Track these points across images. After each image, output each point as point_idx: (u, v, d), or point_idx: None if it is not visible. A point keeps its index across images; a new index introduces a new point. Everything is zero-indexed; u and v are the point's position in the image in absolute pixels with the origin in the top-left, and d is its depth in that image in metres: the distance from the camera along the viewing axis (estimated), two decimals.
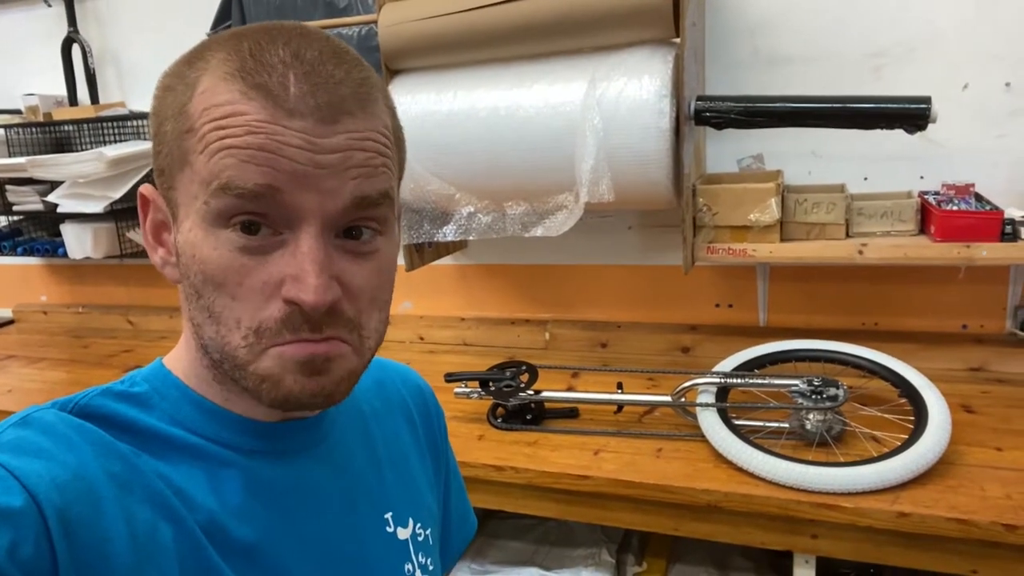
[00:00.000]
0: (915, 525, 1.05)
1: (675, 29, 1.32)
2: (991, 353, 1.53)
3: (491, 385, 1.44)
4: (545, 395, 1.42)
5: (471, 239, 1.59)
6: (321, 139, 0.47)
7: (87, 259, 2.17)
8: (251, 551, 0.52)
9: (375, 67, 0.54)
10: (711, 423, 1.26)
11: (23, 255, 2.31)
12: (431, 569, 0.67)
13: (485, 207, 1.50)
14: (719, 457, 1.22)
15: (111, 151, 1.91)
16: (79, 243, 2.14)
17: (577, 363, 1.71)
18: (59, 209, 2.03)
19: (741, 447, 1.18)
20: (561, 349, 1.87)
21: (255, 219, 0.47)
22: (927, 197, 1.43)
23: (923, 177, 1.54)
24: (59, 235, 2.18)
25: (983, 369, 1.53)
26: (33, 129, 2.16)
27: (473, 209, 1.51)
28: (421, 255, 1.69)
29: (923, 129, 1.26)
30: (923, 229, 1.43)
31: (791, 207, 1.43)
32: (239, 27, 0.51)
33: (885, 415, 1.27)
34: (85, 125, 2.13)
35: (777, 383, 1.32)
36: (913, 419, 1.22)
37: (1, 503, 0.41)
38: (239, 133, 0.46)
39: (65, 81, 2.25)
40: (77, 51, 2.23)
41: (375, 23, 1.52)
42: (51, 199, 2.02)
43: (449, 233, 1.53)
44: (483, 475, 1.29)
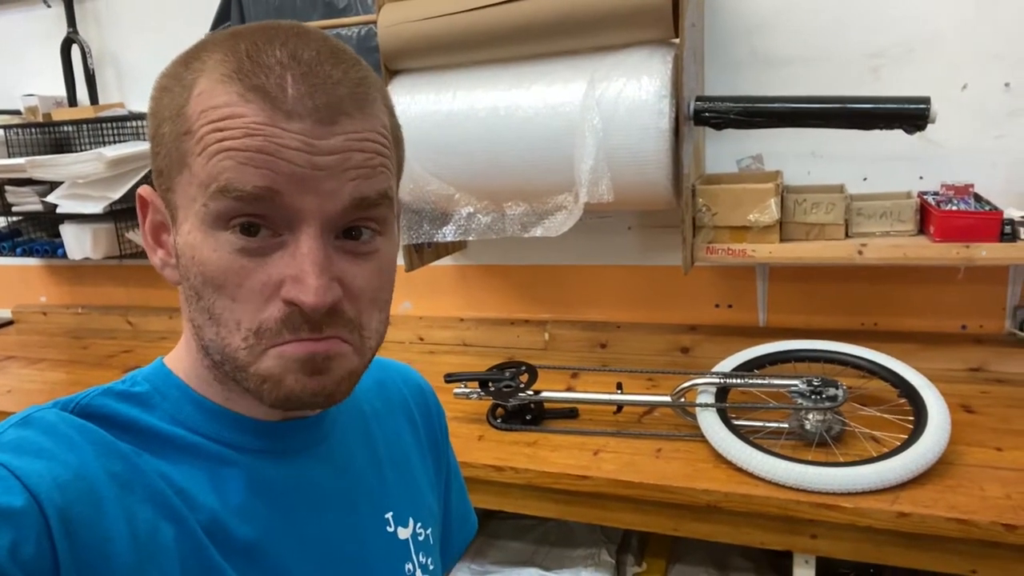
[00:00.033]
0: (915, 525, 1.05)
1: (674, 30, 1.32)
2: (990, 353, 1.53)
3: (491, 385, 1.44)
4: (545, 395, 1.42)
5: (470, 239, 1.59)
6: (319, 140, 0.47)
7: (86, 260, 2.17)
8: (252, 550, 0.52)
9: (374, 67, 0.54)
10: (711, 423, 1.26)
11: (22, 256, 2.31)
12: (431, 569, 0.67)
13: (484, 207, 1.50)
14: (719, 457, 1.22)
15: (110, 152, 1.91)
16: (78, 244, 2.14)
17: (577, 363, 1.71)
18: (58, 210, 2.02)
19: (741, 447, 1.19)
20: (561, 349, 1.87)
21: (254, 221, 0.47)
22: (926, 197, 1.43)
23: (922, 177, 1.54)
24: (58, 236, 2.18)
25: (982, 369, 1.53)
26: (32, 130, 2.16)
27: (472, 209, 1.51)
28: (421, 255, 1.69)
29: (922, 129, 1.26)
30: (922, 229, 1.43)
31: (790, 207, 1.43)
32: (236, 27, 0.51)
33: (884, 415, 1.27)
34: (84, 126, 2.13)
35: (777, 383, 1.32)
36: (912, 419, 1.22)
37: (2, 503, 0.41)
38: (237, 135, 0.46)
39: (64, 82, 2.25)
40: (76, 52, 2.23)
41: (374, 23, 1.52)
42: (50, 200, 2.02)
43: (448, 233, 1.53)
44: (483, 475, 1.29)
